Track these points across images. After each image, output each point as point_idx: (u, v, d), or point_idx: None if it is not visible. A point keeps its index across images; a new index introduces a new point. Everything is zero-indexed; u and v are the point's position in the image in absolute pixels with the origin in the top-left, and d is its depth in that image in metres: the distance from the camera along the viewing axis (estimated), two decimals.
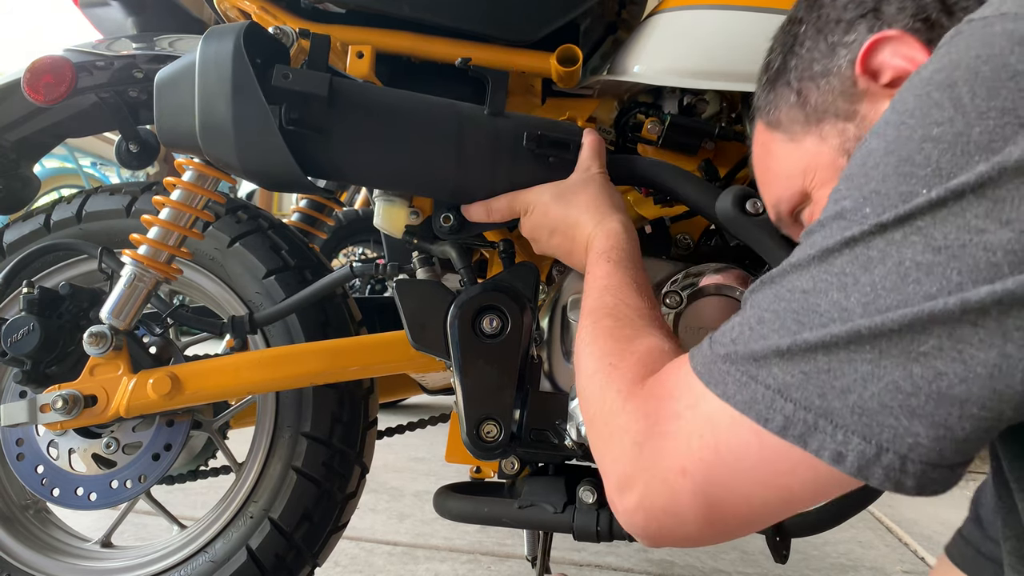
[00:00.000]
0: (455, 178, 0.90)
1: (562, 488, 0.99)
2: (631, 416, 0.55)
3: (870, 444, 0.42)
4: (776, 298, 0.48)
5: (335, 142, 0.88)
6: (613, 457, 0.56)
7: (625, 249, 0.78)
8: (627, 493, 0.53)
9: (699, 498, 0.49)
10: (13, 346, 1.04)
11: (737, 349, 0.49)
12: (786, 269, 0.48)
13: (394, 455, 2.56)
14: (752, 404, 0.46)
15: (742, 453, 0.47)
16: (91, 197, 1.26)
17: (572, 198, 0.85)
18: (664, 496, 0.51)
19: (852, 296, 0.43)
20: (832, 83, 0.64)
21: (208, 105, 0.86)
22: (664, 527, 0.52)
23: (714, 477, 0.48)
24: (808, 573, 1.78)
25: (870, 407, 0.42)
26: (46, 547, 1.26)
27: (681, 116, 1.08)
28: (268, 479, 1.17)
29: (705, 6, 1.02)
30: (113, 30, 1.35)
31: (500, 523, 1.02)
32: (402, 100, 0.91)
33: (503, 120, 0.91)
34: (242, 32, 0.87)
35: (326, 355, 1.11)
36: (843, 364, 0.43)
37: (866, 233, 0.44)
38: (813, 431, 0.44)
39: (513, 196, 0.91)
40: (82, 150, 4.77)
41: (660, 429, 0.52)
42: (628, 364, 0.61)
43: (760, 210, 0.83)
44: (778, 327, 0.46)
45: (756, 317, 0.49)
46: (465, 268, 0.98)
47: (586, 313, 0.72)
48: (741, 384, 0.47)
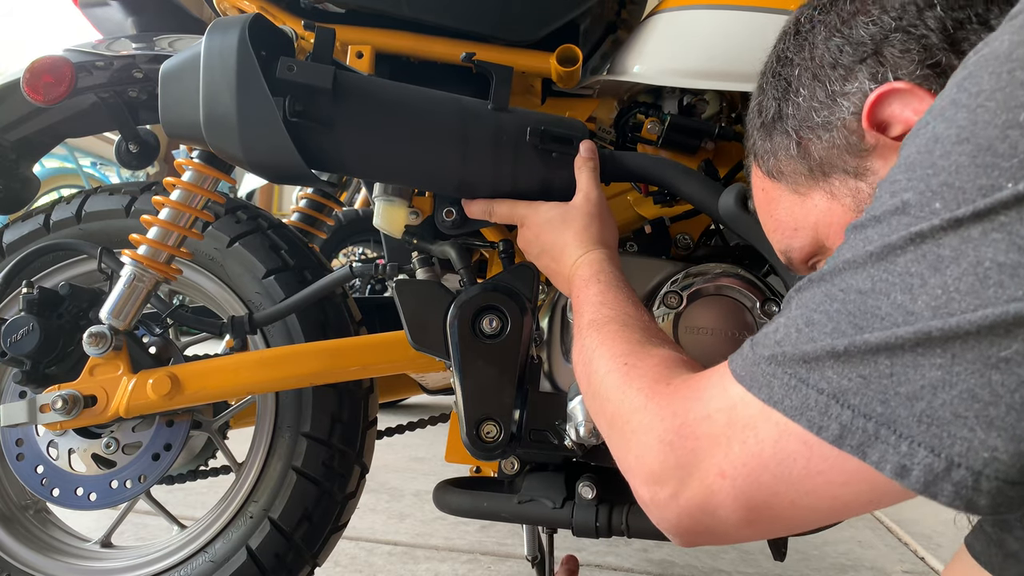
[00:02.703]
0: (458, 172, 0.91)
1: (561, 484, 1.00)
2: (655, 414, 0.54)
3: (939, 457, 0.39)
4: (828, 298, 0.44)
5: (338, 135, 0.88)
6: (637, 454, 0.54)
7: (612, 273, 0.78)
8: (657, 489, 0.52)
9: (740, 501, 0.47)
10: (13, 346, 1.04)
11: (784, 351, 0.45)
12: (838, 267, 0.44)
13: (394, 455, 2.56)
14: (803, 410, 0.43)
15: (790, 461, 0.44)
16: (91, 197, 1.26)
17: (563, 226, 0.86)
18: (701, 496, 0.49)
19: (920, 299, 0.39)
20: (836, 137, 0.59)
21: (213, 96, 0.86)
22: (700, 525, 0.50)
23: (757, 483, 0.46)
24: (808, 573, 1.78)
25: (941, 416, 0.38)
26: (46, 547, 1.26)
27: (681, 116, 1.08)
28: (268, 479, 1.17)
29: (705, 6, 1.02)
30: (113, 30, 1.35)
31: (499, 518, 1.02)
32: (406, 93, 0.91)
33: (506, 115, 0.91)
34: (247, 24, 0.87)
35: (326, 355, 1.11)
36: (909, 369, 0.39)
37: (936, 229, 0.39)
38: (874, 441, 0.40)
39: (514, 205, 0.91)
40: (82, 150, 4.77)
41: (691, 430, 0.50)
42: (647, 364, 0.60)
43: None
44: (831, 329, 0.43)
45: (804, 318, 0.45)
46: (465, 268, 0.98)
47: (585, 326, 0.72)
48: (789, 388, 0.44)
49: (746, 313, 0.96)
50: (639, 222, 1.09)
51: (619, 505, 0.97)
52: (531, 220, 0.89)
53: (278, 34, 0.94)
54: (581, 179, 0.89)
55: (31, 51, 1.22)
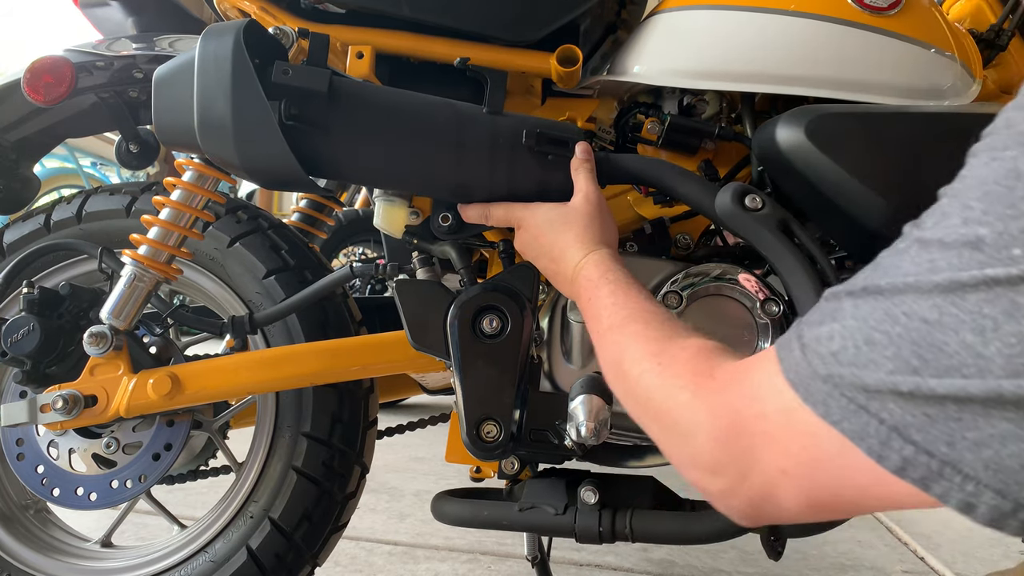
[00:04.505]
0: (454, 177, 0.91)
1: (563, 490, 0.99)
2: (705, 412, 0.54)
3: (1006, 500, 0.38)
4: (889, 318, 0.42)
5: (334, 140, 0.88)
6: (691, 452, 0.54)
7: (620, 271, 0.77)
8: (717, 480, 0.53)
9: (803, 497, 0.48)
10: (13, 346, 1.04)
11: (842, 372, 0.44)
12: (898, 286, 0.43)
13: (394, 455, 2.56)
14: (862, 436, 0.42)
15: (850, 474, 0.44)
16: (91, 197, 1.26)
17: (563, 227, 0.85)
18: (764, 490, 0.49)
19: (992, 344, 0.38)
20: None
21: (207, 101, 0.86)
22: (763, 511, 0.51)
23: (820, 484, 0.46)
24: (807, 573, 1.78)
25: (1009, 466, 0.38)
26: (46, 547, 1.26)
27: (681, 116, 1.08)
28: (268, 479, 1.17)
29: (705, 6, 1.03)
30: (113, 30, 1.35)
31: (500, 527, 1.01)
32: (401, 99, 0.91)
33: (501, 119, 0.91)
34: (242, 29, 0.87)
35: (326, 355, 1.11)
36: (979, 418, 0.38)
37: (1015, 279, 0.38)
38: (938, 477, 0.40)
39: (510, 208, 0.91)
40: (82, 150, 4.77)
41: (747, 428, 0.50)
42: (683, 359, 0.59)
43: (759, 205, 0.83)
44: (892, 355, 0.41)
45: (864, 335, 0.43)
46: (465, 268, 0.98)
47: (605, 331, 0.71)
48: (848, 411, 0.43)
49: (746, 313, 0.96)
50: (639, 222, 1.09)
51: (622, 509, 0.96)
52: (528, 222, 0.89)
53: (272, 41, 0.94)
54: (579, 180, 0.89)
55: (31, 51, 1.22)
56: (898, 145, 0.89)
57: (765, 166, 0.99)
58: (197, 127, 0.87)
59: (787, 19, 0.98)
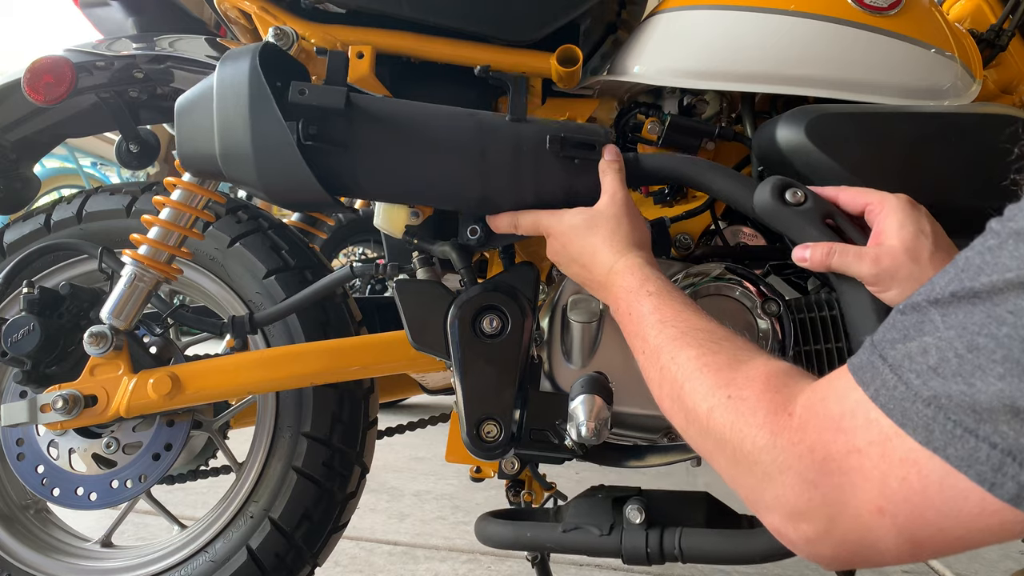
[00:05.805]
0: (479, 188, 0.89)
1: (608, 509, 0.95)
2: (789, 452, 0.50)
3: None
4: (992, 320, 0.39)
5: (354, 157, 0.87)
6: (775, 494, 0.51)
7: (659, 280, 0.74)
8: (804, 526, 0.49)
9: (904, 536, 0.44)
10: (13, 346, 1.04)
11: (948, 390, 0.40)
12: (999, 284, 0.39)
13: (394, 455, 2.56)
14: (972, 463, 0.39)
15: (956, 506, 0.41)
16: (91, 197, 1.26)
17: (590, 231, 0.83)
18: (858, 532, 0.46)
19: None
20: None
21: (227, 126, 0.86)
22: (858, 555, 0.48)
23: (922, 519, 0.43)
24: (808, 573, 1.78)
25: None
26: (46, 547, 1.26)
27: (681, 116, 1.08)
28: (268, 479, 1.17)
29: (705, 6, 1.03)
30: (113, 30, 1.35)
31: (544, 549, 0.98)
32: (421, 112, 0.90)
33: (525, 125, 0.89)
34: (257, 52, 0.87)
35: (326, 355, 1.11)
36: None
37: None
38: None
39: (538, 215, 0.88)
40: (82, 150, 4.77)
41: (836, 465, 0.46)
42: (754, 393, 0.55)
43: (802, 199, 0.79)
44: (1001, 357, 0.38)
45: (965, 342, 0.40)
46: (465, 268, 0.98)
47: (652, 352, 0.67)
48: (954, 436, 0.40)
49: (746, 313, 0.96)
50: None
51: (670, 528, 0.92)
52: (556, 229, 0.86)
53: (290, 61, 0.94)
54: (606, 182, 0.86)
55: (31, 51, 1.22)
56: (898, 145, 0.89)
57: (765, 166, 0.99)
58: (219, 154, 0.87)
59: (787, 19, 0.98)
